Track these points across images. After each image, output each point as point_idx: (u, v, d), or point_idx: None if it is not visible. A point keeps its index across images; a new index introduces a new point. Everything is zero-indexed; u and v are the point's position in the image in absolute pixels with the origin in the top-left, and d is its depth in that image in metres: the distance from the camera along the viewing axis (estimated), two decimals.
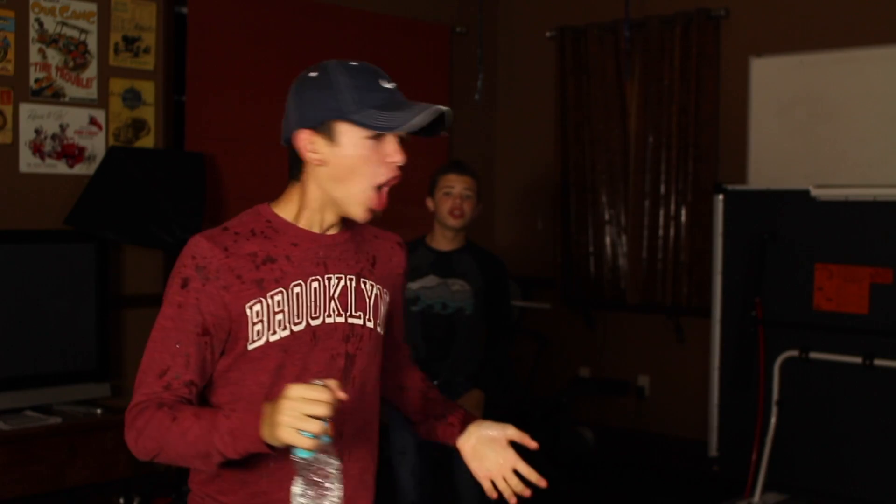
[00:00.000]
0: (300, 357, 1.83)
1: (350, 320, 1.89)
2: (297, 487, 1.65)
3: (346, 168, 1.82)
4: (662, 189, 5.92)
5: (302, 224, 1.87)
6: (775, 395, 4.65)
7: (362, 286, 1.92)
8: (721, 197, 4.94)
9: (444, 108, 1.84)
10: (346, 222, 1.92)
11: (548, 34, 6.39)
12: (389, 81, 1.87)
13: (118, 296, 4.75)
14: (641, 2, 5.96)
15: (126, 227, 4.53)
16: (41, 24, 4.49)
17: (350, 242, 1.93)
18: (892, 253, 4.44)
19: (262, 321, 1.80)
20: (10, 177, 4.45)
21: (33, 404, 4.29)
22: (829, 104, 5.32)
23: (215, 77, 5.11)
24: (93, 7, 4.65)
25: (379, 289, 1.96)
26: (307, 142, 1.82)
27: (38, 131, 4.50)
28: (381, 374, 1.99)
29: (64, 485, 4.20)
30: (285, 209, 1.88)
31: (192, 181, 4.75)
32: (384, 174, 1.84)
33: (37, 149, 4.51)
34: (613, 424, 6.14)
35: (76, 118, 4.62)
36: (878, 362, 4.40)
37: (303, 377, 1.80)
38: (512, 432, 1.95)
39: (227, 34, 5.15)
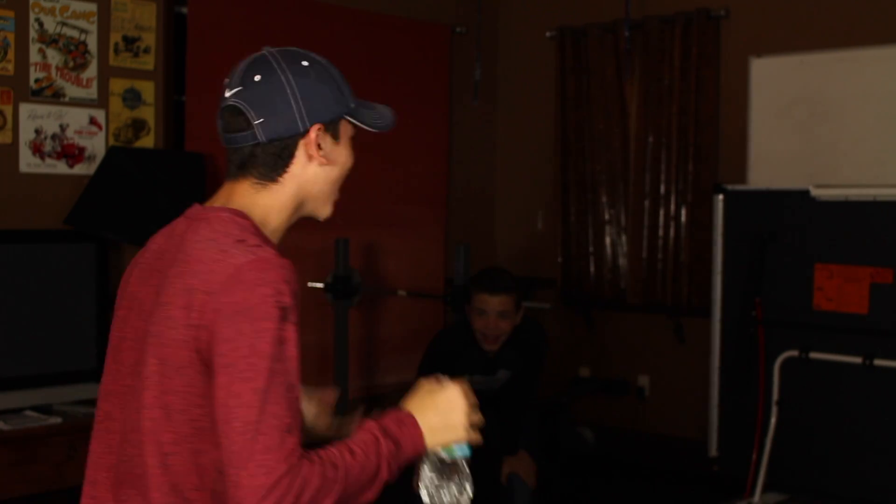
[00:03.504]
0: None
1: None
2: (451, 488, 1.66)
3: (344, 169, 1.71)
4: (662, 189, 5.92)
5: (273, 238, 1.67)
6: (775, 395, 4.65)
7: None
8: (721, 197, 4.94)
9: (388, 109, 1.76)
10: None
11: (548, 34, 6.39)
12: None
13: None
14: (641, 2, 5.95)
15: (126, 227, 4.52)
16: (41, 24, 4.49)
17: None
18: (892, 253, 4.44)
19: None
20: (10, 177, 4.45)
21: (33, 404, 4.29)
22: (829, 104, 5.32)
23: (215, 77, 5.08)
24: (93, 7, 4.65)
25: None
26: (322, 139, 1.65)
27: (38, 131, 4.50)
28: None
29: (64, 485, 4.20)
30: (257, 222, 1.65)
31: (192, 181, 4.75)
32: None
33: (37, 149, 4.50)
34: (613, 424, 6.13)
35: (76, 118, 4.61)
36: (878, 362, 4.39)
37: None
38: None
39: (227, 34, 5.15)
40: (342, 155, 1.69)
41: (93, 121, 4.67)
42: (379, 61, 5.83)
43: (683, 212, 5.84)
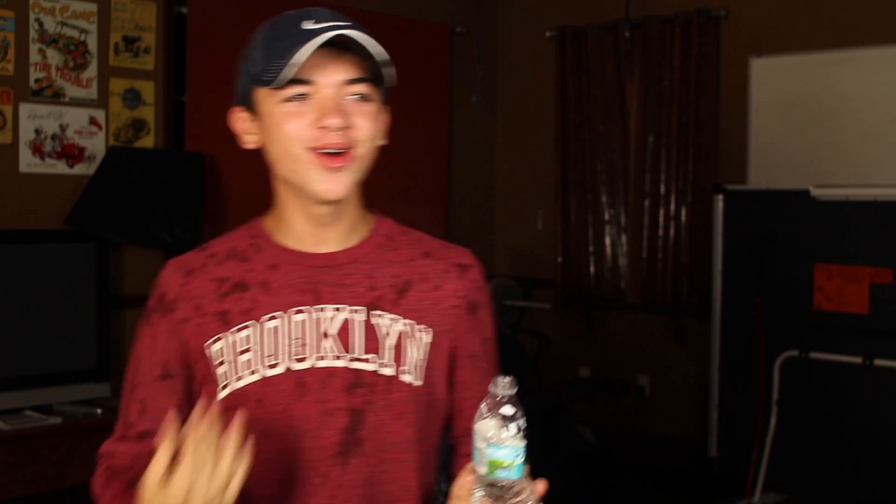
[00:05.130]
0: (281, 410, 1.43)
1: (354, 365, 1.45)
2: None
3: (274, 141, 1.43)
4: (662, 189, 5.92)
5: (286, 238, 1.50)
6: (775, 395, 4.66)
7: (375, 321, 1.47)
8: (721, 197, 4.94)
9: (344, 31, 1.42)
10: (363, 235, 1.54)
11: (548, 34, 6.39)
12: (324, 20, 1.43)
13: (118, 296, 4.75)
14: (641, 2, 5.95)
15: (126, 227, 4.53)
16: (41, 24, 4.49)
17: (364, 262, 1.50)
18: (892, 253, 4.44)
19: (225, 362, 1.45)
20: (10, 177, 4.45)
21: (33, 404, 4.29)
22: (829, 104, 5.32)
23: (215, 77, 5.10)
24: (93, 7, 4.65)
25: (409, 325, 1.48)
26: (240, 122, 1.49)
27: (38, 131, 4.50)
28: (430, 440, 1.52)
29: (64, 485, 4.20)
30: (270, 219, 1.53)
31: (192, 181, 4.75)
32: (314, 138, 1.41)
33: (37, 149, 4.51)
34: (613, 424, 6.14)
35: (76, 118, 4.61)
36: (878, 362, 4.40)
37: (288, 437, 1.43)
38: None
39: (227, 34, 5.15)
40: (264, 129, 1.45)
41: (93, 121, 4.67)
42: None
43: (683, 212, 5.84)
